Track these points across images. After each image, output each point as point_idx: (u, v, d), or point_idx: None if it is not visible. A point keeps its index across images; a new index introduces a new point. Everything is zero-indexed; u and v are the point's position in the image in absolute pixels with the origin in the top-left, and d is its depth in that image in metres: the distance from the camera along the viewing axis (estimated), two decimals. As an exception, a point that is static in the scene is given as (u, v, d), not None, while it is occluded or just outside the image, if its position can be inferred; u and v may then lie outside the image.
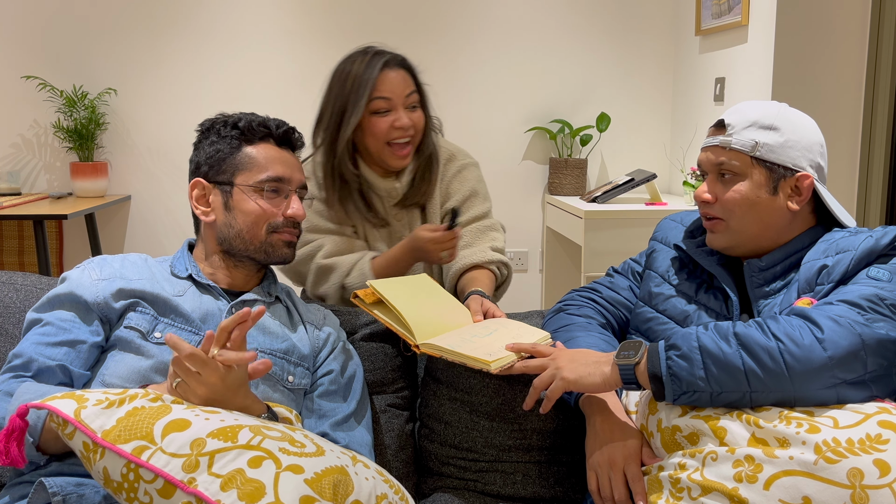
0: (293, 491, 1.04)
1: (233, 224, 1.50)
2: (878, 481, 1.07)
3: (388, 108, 1.90)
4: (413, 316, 1.52)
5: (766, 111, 1.45)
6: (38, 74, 3.73)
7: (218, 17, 3.81)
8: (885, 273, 1.30)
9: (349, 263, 1.92)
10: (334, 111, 1.92)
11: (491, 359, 1.40)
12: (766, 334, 1.22)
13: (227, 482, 1.03)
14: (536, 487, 1.59)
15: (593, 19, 3.98)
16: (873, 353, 1.20)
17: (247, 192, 1.50)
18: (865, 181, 3.14)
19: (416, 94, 1.95)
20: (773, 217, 1.45)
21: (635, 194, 3.90)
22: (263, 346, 1.46)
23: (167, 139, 3.87)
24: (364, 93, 1.87)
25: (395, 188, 1.99)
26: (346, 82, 1.91)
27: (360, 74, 1.89)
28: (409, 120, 1.91)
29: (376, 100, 1.89)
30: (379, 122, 1.90)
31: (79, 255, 3.92)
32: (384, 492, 1.17)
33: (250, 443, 1.08)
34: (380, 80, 1.89)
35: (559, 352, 1.42)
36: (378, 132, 1.90)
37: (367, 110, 1.90)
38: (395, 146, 1.92)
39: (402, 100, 1.91)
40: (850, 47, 3.10)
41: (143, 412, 1.12)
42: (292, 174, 1.54)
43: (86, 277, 1.44)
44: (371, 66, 1.89)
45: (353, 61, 1.92)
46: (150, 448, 1.07)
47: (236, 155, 1.52)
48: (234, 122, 1.55)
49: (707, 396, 1.23)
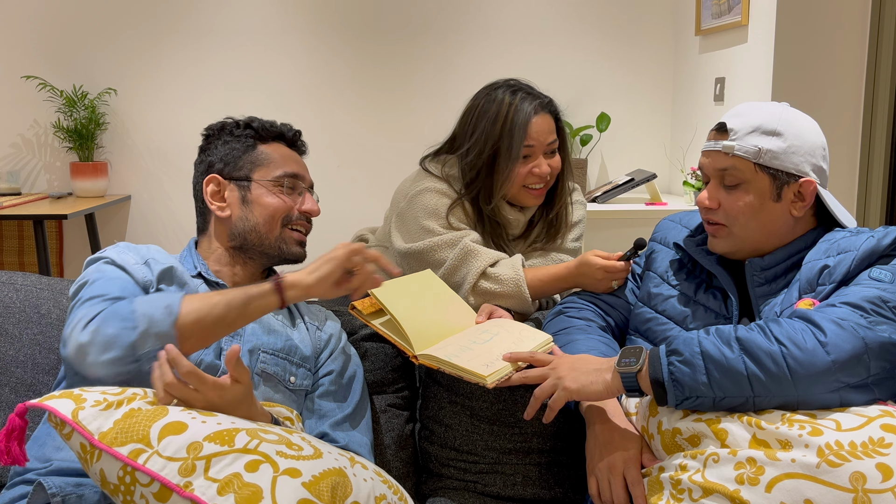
0: (291, 494, 1.03)
1: (249, 218, 1.53)
2: (881, 485, 1.07)
3: (528, 154, 1.88)
4: (412, 324, 1.50)
5: (769, 115, 1.44)
6: (38, 74, 3.73)
7: (218, 17, 3.81)
8: (887, 274, 1.30)
9: (497, 255, 1.85)
10: (483, 150, 1.88)
11: (487, 372, 1.38)
12: (768, 338, 1.21)
13: (224, 487, 1.03)
14: (537, 489, 1.59)
15: (593, 19, 3.98)
16: (876, 357, 1.19)
17: (266, 186, 1.54)
18: (865, 181, 3.14)
19: (557, 140, 1.93)
20: (776, 223, 1.45)
21: (635, 194, 3.89)
22: (266, 347, 1.46)
23: (167, 139, 3.87)
24: (518, 141, 1.85)
25: (519, 220, 1.97)
26: (497, 122, 1.87)
27: (511, 118, 1.86)
28: (548, 167, 1.89)
29: (523, 147, 1.87)
30: (518, 168, 1.88)
31: (79, 255, 3.92)
32: (383, 492, 1.16)
33: (247, 446, 1.08)
34: (529, 126, 1.86)
35: (559, 360, 1.41)
36: (517, 178, 1.89)
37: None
38: (530, 188, 1.91)
39: (543, 147, 1.89)
40: (850, 47, 3.10)
41: (140, 414, 1.11)
42: (305, 173, 1.60)
43: (128, 259, 1.44)
44: (521, 111, 1.86)
45: (503, 100, 1.89)
46: (146, 451, 1.06)
47: (252, 152, 1.56)
48: (246, 122, 1.59)
49: (710, 402, 1.22)
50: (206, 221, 1.59)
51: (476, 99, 1.95)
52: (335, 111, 3.92)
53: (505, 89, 1.91)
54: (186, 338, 1.28)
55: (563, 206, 2.00)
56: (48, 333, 1.60)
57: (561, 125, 1.96)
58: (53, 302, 1.64)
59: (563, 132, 1.96)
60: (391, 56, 3.93)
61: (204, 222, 1.60)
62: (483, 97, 1.93)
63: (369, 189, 3.93)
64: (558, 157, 1.94)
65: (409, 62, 3.94)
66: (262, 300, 1.32)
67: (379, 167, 3.94)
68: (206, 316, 1.29)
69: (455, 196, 1.92)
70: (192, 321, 1.28)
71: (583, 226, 2.07)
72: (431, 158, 2.01)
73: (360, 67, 3.92)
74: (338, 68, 3.91)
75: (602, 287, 1.73)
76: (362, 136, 3.95)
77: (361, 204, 3.87)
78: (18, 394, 1.56)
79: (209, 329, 1.30)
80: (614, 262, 1.70)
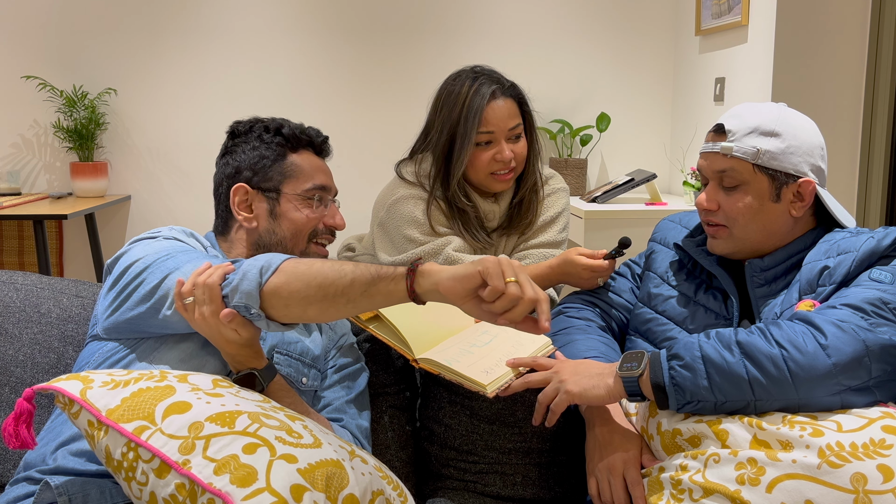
0: (285, 478, 1.04)
1: (276, 231, 1.52)
2: (882, 487, 1.07)
3: (489, 140, 1.88)
4: (410, 328, 1.50)
5: (767, 116, 1.44)
6: (38, 74, 3.73)
7: (218, 17, 3.81)
8: (887, 275, 1.30)
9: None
10: (442, 136, 1.90)
11: (487, 381, 1.38)
12: (769, 342, 1.21)
13: (221, 467, 1.05)
14: (536, 489, 1.59)
15: (593, 19, 3.98)
16: (877, 359, 1.19)
17: (294, 200, 1.52)
18: (865, 181, 3.14)
19: (521, 124, 1.93)
20: (775, 224, 1.45)
21: (635, 194, 3.89)
22: (280, 347, 1.47)
23: (167, 139, 3.87)
24: (472, 126, 1.85)
25: (494, 211, 1.98)
26: (455, 107, 1.89)
27: (468, 102, 1.87)
28: (510, 153, 1.89)
29: (479, 134, 1.87)
30: (480, 154, 1.88)
31: (79, 255, 3.92)
32: (380, 488, 1.17)
33: (247, 430, 1.10)
34: (486, 111, 1.87)
35: (561, 364, 1.41)
36: (479, 164, 1.89)
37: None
38: (497, 174, 1.91)
39: (504, 132, 1.89)
40: (850, 47, 3.10)
41: (148, 393, 1.14)
42: (332, 183, 1.58)
43: (191, 243, 1.44)
44: (479, 95, 1.87)
45: (463, 83, 1.90)
46: (150, 428, 1.09)
47: (282, 163, 1.54)
48: (276, 127, 1.56)
49: (711, 406, 1.22)
50: (227, 227, 1.57)
51: (442, 87, 1.96)
52: (335, 111, 3.92)
53: (467, 75, 1.93)
54: (282, 303, 1.21)
55: (532, 192, 1.99)
56: (48, 333, 1.60)
57: (527, 109, 1.95)
58: (53, 302, 1.64)
59: (528, 116, 1.95)
60: (391, 57, 3.93)
61: (225, 226, 1.57)
62: (447, 85, 1.94)
63: (370, 189, 3.91)
64: (523, 143, 1.94)
65: (410, 63, 3.94)
66: (391, 283, 1.17)
67: (379, 167, 3.93)
68: (325, 283, 1.18)
69: (428, 197, 1.92)
70: (293, 288, 1.20)
71: (567, 214, 2.06)
72: (406, 161, 2.01)
73: (361, 67, 3.92)
74: (338, 68, 3.91)
75: (588, 285, 1.74)
76: (362, 136, 3.95)
77: (361, 204, 3.86)
78: (18, 394, 1.56)
79: (321, 300, 1.20)
80: (599, 261, 1.71)
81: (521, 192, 1.98)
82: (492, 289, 1.11)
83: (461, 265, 1.15)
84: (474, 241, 1.94)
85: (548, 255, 1.97)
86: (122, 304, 1.35)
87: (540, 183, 2.02)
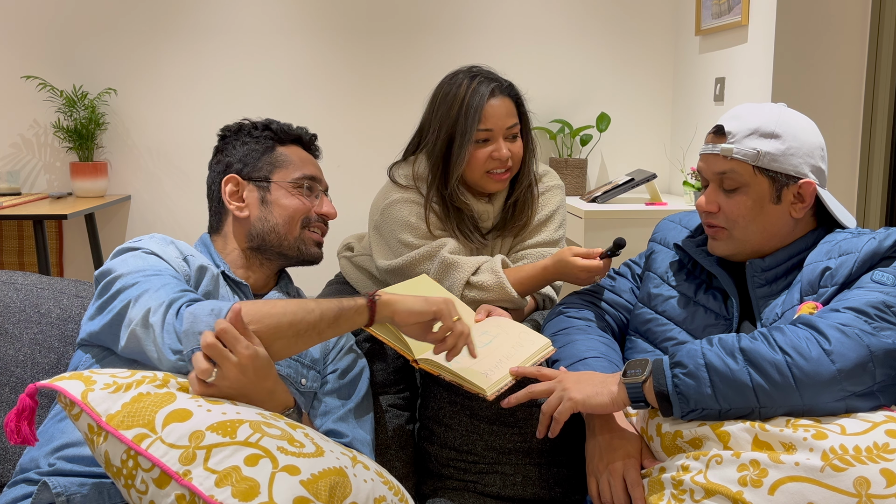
0: (288, 492, 1.03)
1: (268, 218, 1.54)
2: (885, 491, 1.06)
3: (487, 138, 1.88)
4: None
5: (767, 117, 1.43)
6: (38, 74, 3.73)
7: (218, 17, 3.81)
8: (889, 277, 1.29)
9: (476, 261, 1.86)
10: (440, 136, 1.89)
11: (487, 384, 1.38)
12: (772, 348, 1.20)
13: (222, 479, 1.03)
14: (536, 489, 1.59)
15: (593, 19, 3.98)
16: (881, 364, 1.19)
17: (285, 188, 1.55)
18: (865, 181, 3.14)
19: (518, 124, 1.93)
20: (776, 225, 1.45)
21: (635, 194, 3.90)
22: None
23: (167, 139, 3.86)
24: (472, 123, 1.85)
25: (488, 211, 1.98)
26: (453, 107, 1.88)
27: (467, 100, 1.87)
28: (507, 151, 1.89)
29: (478, 131, 1.87)
30: (478, 152, 1.88)
31: (79, 255, 3.92)
32: (383, 494, 1.16)
33: (248, 439, 1.08)
34: (485, 109, 1.86)
35: (564, 374, 1.41)
36: (476, 163, 1.89)
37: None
38: (493, 174, 1.91)
39: (502, 131, 1.89)
40: (850, 47, 3.10)
41: (148, 399, 1.12)
42: (321, 176, 1.62)
43: (170, 253, 1.43)
44: (477, 94, 1.87)
45: (460, 84, 1.90)
46: (150, 437, 1.07)
47: (271, 154, 1.57)
48: (264, 124, 1.61)
49: (715, 413, 1.22)
50: (221, 221, 1.59)
51: (438, 88, 1.95)
52: (336, 111, 3.92)
53: (464, 75, 1.93)
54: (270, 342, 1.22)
55: (527, 192, 1.99)
56: (48, 333, 1.60)
57: (523, 110, 1.95)
58: (53, 302, 1.64)
59: (524, 117, 1.96)
60: (391, 57, 3.92)
61: (219, 222, 1.59)
62: (444, 85, 1.94)
63: (369, 188, 3.91)
64: (520, 143, 1.94)
65: (410, 63, 3.94)
66: (354, 315, 1.29)
67: (379, 166, 3.92)
68: (295, 321, 1.23)
69: (423, 199, 1.92)
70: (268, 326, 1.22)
71: (562, 212, 2.07)
72: (400, 163, 2.01)
73: (361, 67, 3.92)
74: (339, 68, 3.90)
75: (584, 283, 1.78)
76: (363, 136, 3.95)
77: (361, 203, 3.86)
78: (18, 394, 1.56)
79: (293, 336, 1.24)
80: (595, 261, 1.74)
81: (515, 193, 1.98)
82: (444, 327, 1.35)
83: (417, 301, 1.34)
84: (468, 242, 1.95)
85: (545, 255, 1.97)
86: (94, 316, 1.37)
87: (535, 182, 2.02)
